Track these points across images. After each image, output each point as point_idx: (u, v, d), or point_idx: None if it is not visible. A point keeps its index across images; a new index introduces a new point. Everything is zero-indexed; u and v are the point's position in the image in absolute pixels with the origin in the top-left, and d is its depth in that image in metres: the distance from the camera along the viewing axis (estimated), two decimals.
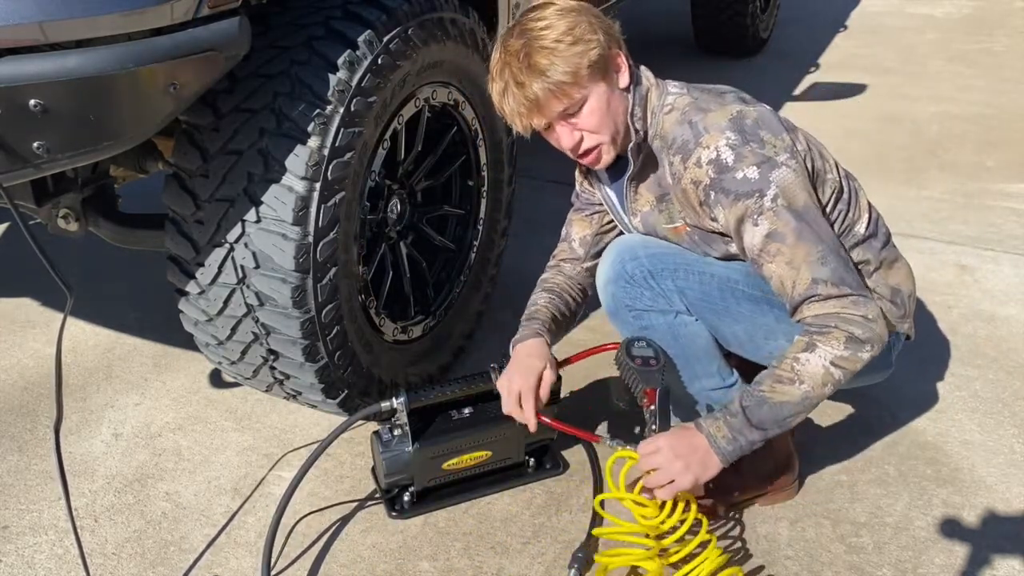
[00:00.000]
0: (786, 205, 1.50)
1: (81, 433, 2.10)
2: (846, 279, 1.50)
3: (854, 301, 1.49)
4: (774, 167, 1.51)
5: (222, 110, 1.66)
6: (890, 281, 1.73)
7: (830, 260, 1.50)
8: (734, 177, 1.50)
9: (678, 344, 1.70)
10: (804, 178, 1.55)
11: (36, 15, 1.25)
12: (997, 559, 1.72)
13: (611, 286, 1.70)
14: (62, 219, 1.82)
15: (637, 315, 1.70)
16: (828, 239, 1.52)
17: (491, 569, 1.71)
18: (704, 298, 1.65)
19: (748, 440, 1.49)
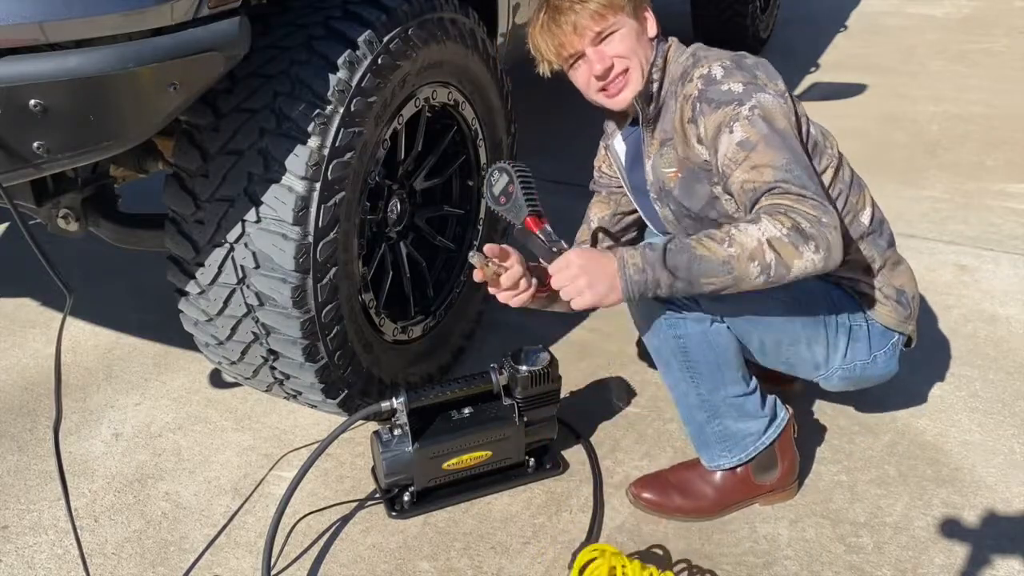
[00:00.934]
0: (762, 115, 1.53)
1: (81, 433, 2.10)
2: (808, 186, 1.44)
3: (813, 204, 1.40)
4: (759, 89, 1.56)
5: (222, 110, 1.66)
6: (895, 282, 1.75)
7: (795, 168, 1.47)
8: (719, 88, 1.57)
9: (713, 352, 1.70)
10: (788, 111, 1.57)
11: (36, 15, 1.25)
12: (997, 559, 1.72)
13: None
14: (62, 219, 1.82)
15: (672, 323, 1.68)
16: (798, 154, 1.51)
17: (491, 569, 1.71)
18: (738, 303, 1.63)
19: (654, 278, 1.38)
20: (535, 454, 1.94)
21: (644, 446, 2.04)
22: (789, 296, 1.67)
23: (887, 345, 1.78)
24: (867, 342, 1.76)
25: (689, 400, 1.76)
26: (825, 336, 1.73)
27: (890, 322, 1.75)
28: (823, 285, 1.73)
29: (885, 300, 1.75)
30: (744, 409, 1.76)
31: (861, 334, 1.75)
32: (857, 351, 1.76)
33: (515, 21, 2.64)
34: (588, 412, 2.15)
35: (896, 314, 1.75)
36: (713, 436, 1.78)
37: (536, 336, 2.42)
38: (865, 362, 1.77)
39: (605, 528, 1.80)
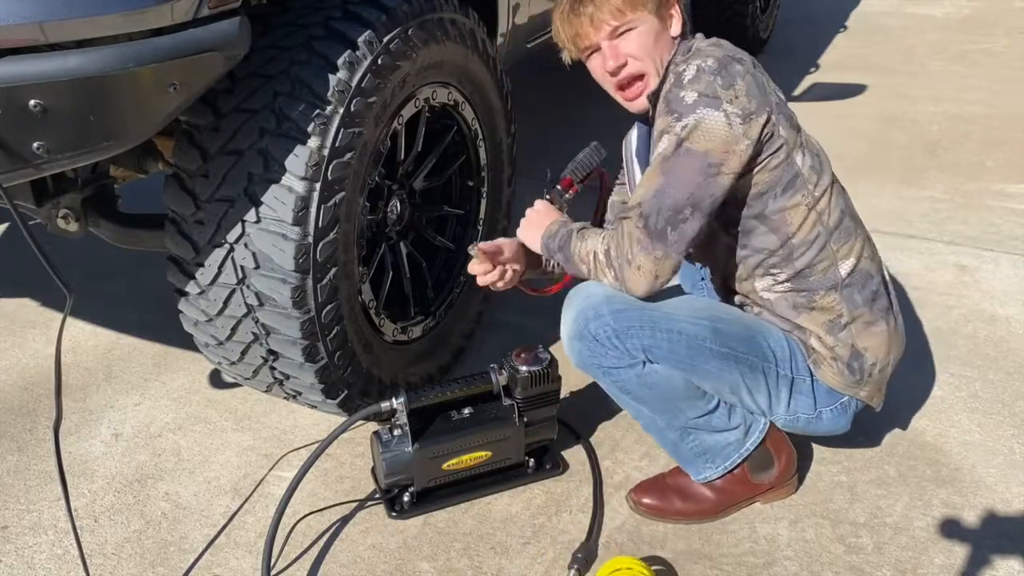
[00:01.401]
0: (683, 138, 1.53)
1: (81, 433, 2.10)
2: (652, 220, 1.54)
3: (638, 240, 1.56)
4: (712, 106, 1.53)
5: (222, 110, 1.66)
6: (859, 343, 1.70)
7: (660, 198, 1.54)
8: (677, 93, 1.56)
9: (651, 390, 1.69)
10: (730, 138, 1.53)
11: (36, 15, 1.25)
12: (997, 559, 1.72)
13: (576, 343, 1.68)
14: (62, 219, 1.82)
15: (605, 371, 1.69)
16: (681, 184, 1.53)
17: (491, 569, 1.71)
18: (672, 355, 1.65)
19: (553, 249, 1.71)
20: (535, 454, 1.94)
21: (644, 446, 2.04)
22: (726, 347, 1.66)
23: (835, 404, 1.74)
24: (811, 397, 1.73)
25: (657, 424, 1.76)
26: (766, 386, 1.71)
27: (834, 384, 1.71)
28: (773, 331, 1.72)
29: (833, 361, 1.70)
30: (712, 425, 1.75)
31: (804, 388, 1.73)
32: (800, 403, 1.74)
33: (515, 21, 2.64)
34: (588, 412, 2.15)
35: (842, 377, 1.71)
36: (691, 452, 1.78)
37: (536, 336, 2.41)
38: (809, 416, 1.75)
39: (605, 528, 1.80)
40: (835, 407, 1.75)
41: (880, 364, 1.73)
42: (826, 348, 1.70)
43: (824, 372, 1.71)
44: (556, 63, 1.88)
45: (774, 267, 1.70)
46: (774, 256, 1.69)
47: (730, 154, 1.55)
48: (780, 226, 1.66)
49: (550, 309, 2.59)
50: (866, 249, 1.74)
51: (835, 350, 1.70)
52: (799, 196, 1.65)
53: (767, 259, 1.69)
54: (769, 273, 1.71)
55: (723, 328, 1.67)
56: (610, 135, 1.90)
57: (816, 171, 1.68)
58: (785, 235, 1.66)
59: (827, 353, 1.70)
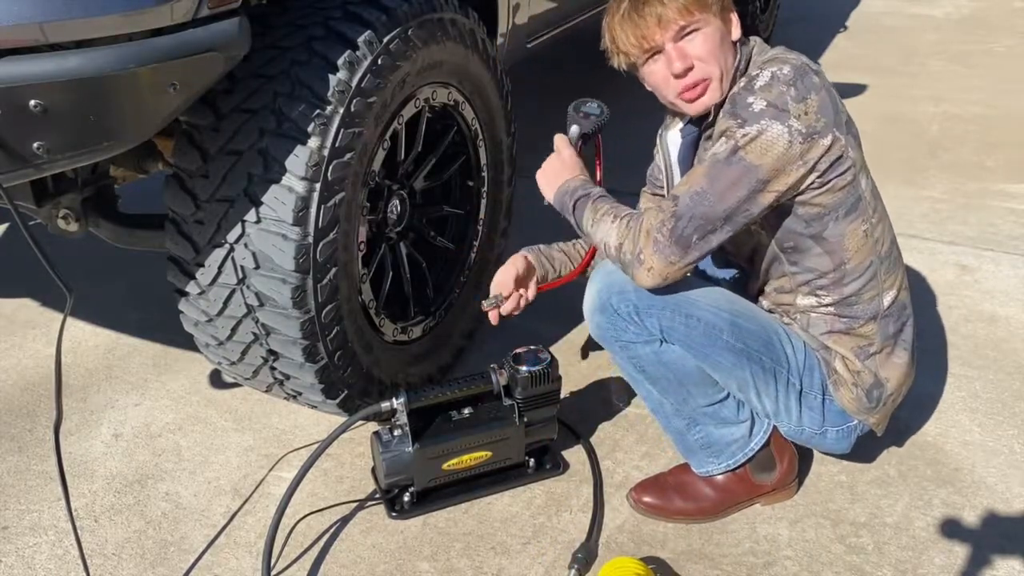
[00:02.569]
0: (740, 146, 1.49)
1: (81, 433, 2.10)
2: (681, 222, 1.51)
3: (657, 241, 1.52)
4: (779, 119, 1.48)
5: (222, 110, 1.66)
6: (881, 372, 1.70)
7: (697, 202, 1.51)
8: (746, 99, 1.51)
9: (667, 368, 1.69)
10: (792, 155, 1.49)
11: (36, 15, 1.25)
12: (997, 559, 1.72)
13: (597, 316, 1.68)
14: (62, 219, 1.82)
15: (623, 346, 1.69)
16: (723, 199, 1.50)
17: (491, 569, 1.71)
18: (687, 341, 1.65)
19: (567, 206, 1.69)
20: (535, 454, 1.94)
21: (644, 446, 2.04)
22: (741, 343, 1.65)
23: (844, 425, 1.74)
24: (821, 414, 1.73)
25: (664, 409, 1.76)
26: (775, 390, 1.70)
27: (849, 407, 1.71)
28: (797, 342, 1.70)
29: (853, 386, 1.69)
30: (720, 416, 1.75)
31: (815, 404, 1.72)
32: (808, 418, 1.73)
33: (515, 21, 2.64)
34: (588, 412, 2.15)
35: (857, 403, 1.70)
36: (696, 443, 1.78)
37: (536, 336, 2.42)
38: (814, 432, 1.75)
39: (605, 528, 1.80)
40: (843, 428, 1.75)
41: (895, 395, 1.74)
42: (850, 373, 1.69)
43: (842, 395, 1.70)
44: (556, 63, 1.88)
45: (822, 289, 1.67)
46: (824, 278, 1.66)
47: (782, 173, 1.50)
48: (836, 249, 1.62)
49: (550, 309, 2.59)
50: (904, 279, 1.74)
51: (859, 376, 1.69)
52: (859, 221, 1.61)
53: (817, 279, 1.66)
54: (815, 294, 1.68)
55: (743, 324, 1.66)
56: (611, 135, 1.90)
57: (876, 197, 1.66)
58: (840, 259, 1.63)
59: (850, 378, 1.69)
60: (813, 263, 1.65)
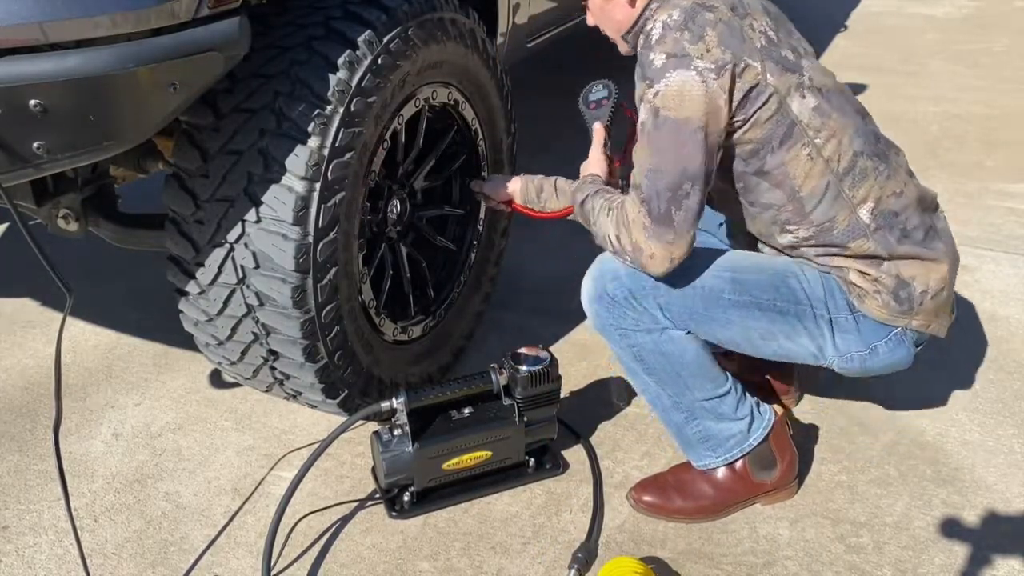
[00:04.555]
0: (659, 107, 1.50)
1: (81, 433, 2.10)
2: (653, 203, 1.53)
3: (645, 228, 1.54)
4: (683, 66, 1.49)
5: (222, 110, 1.66)
6: (903, 273, 1.63)
7: (653, 178, 1.53)
8: (647, 57, 1.54)
9: (666, 359, 1.69)
10: (713, 92, 1.48)
11: (36, 15, 1.25)
12: (997, 559, 1.72)
13: (595, 305, 1.70)
14: (62, 219, 1.82)
15: (623, 334, 1.69)
16: (673, 163, 1.51)
17: (491, 569, 1.71)
18: (688, 312, 1.65)
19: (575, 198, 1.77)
20: (535, 454, 1.94)
21: (644, 446, 2.04)
22: (747, 296, 1.63)
23: (886, 336, 1.66)
24: (857, 334, 1.66)
25: (663, 402, 1.76)
26: (803, 329, 1.66)
27: (880, 316, 1.64)
28: (807, 271, 1.66)
29: (876, 293, 1.62)
30: (719, 411, 1.75)
31: (848, 326, 1.66)
32: (849, 342, 1.67)
33: (515, 21, 2.64)
34: (588, 412, 2.15)
35: (888, 309, 1.63)
36: (694, 437, 1.78)
37: (536, 336, 2.42)
38: (863, 353, 1.68)
39: (605, 528, 1.80)
40: (889, 340, 1.66)
41: (932, 290, 1.64)
42: (868, 281, 1.62)
43: (868, 305, 1.63)
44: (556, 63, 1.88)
45: (789, 223, 1.64)
46: (784, 211, 1.63)
47: (711, 114, 1.49)
48: (784, 180, 1.60)
49: (550, 309, 2.59)
50: (891, 185, 1.64)
51: (879, 282, 1.62)
52: (799, 147, 1.57)
53: (778, 215, 1.64)
54: (786, 230, 1.66)
55: (744, 278, 1.64)
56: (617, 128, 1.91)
57: (823, 113, 1.58)
58: (791, 189, 1.60)
59: (870, 286, 1.62)
60: (766, 199, 1.64)
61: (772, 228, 1.68)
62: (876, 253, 1.62)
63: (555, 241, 2.96)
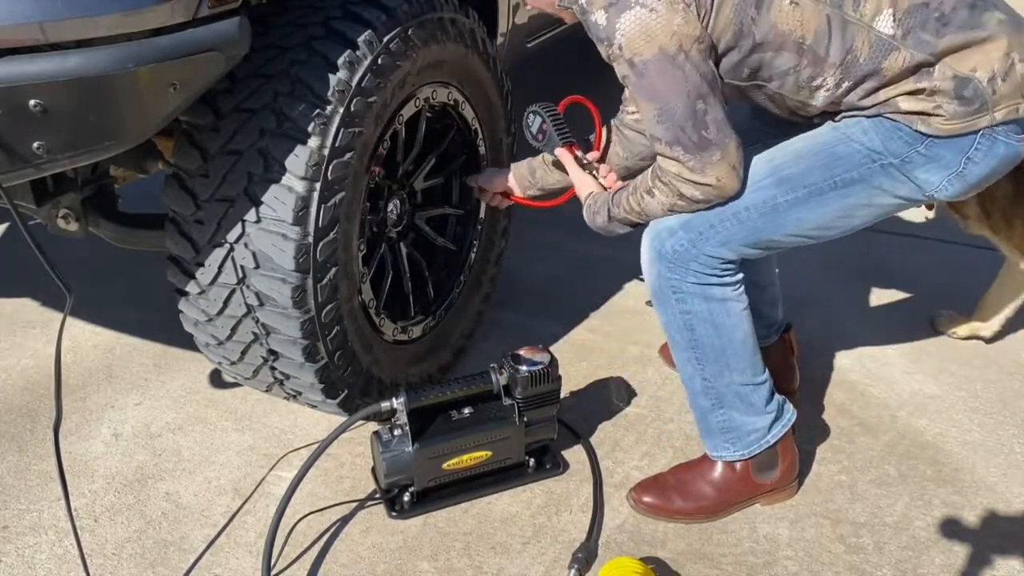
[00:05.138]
0: (629, 58, 1.47)
1: (81, 433, 2.10)
2: (681, 139, 1.49)
3: (691, 167, 1.51)
4: (623, 9, 1.45)
5: (222, 110, 1.66)
6: (960, 68, 1.45)
7: (666, 119, 1.49)
8: (589, 20, 1.51)
9: (716, 332, 1.67)
10: (667, 19, 1.43)
11: (36, 15, 1.25)
12: (997, 559, 1.72)
13: (656, 265, 1.66)
14: (62, 219, 1.82)
15: (680, 298, 1.66)
16: (676, 96, 1.46)
17: (491, 569, 1.71)
18: (754, 235, 1.59)
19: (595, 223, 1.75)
20: (535, 454, 1.94)
21: (644, 446, 2.04)
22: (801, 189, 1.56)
23: (973, 145, 1.49)
24: (938, 161, 1.51)
25: (695, 384, 1.75)
26: (877, 188, 1.56)
27: (953, 129, 1.47)
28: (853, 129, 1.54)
29: (937, 109, 1.46)
30: (750, 401, 1.74)
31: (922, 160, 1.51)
32: (933, 172, 1.52)
33: (515, 21, 2.64)
34: (588, 412, 2.15)
35: (958, 118, 1.46)
36: (717, 426, 1.78)
37: (536, 336, 2.42)
38: (956, 172, 1.52)
39: (605, 528, 1.80)
40: (978, 146, 1.50)
41: (1000, 72, 1.46)
42: (923, 99, 1.47)
43: (936, 125, 1.48)
44: (557, 63, 1.88)
45: (813, 79, 1.53)
46: (803, 69, 1.52)
47: (679, 32, 1.45)
48: (783, 40, 1.49)
49: (550, 309, 2.60)
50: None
51: (936, 92, 1.46)
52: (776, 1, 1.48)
53: (799, 77, 1.53)
54: (814, 88, 1.54)
55: (787, 174, 1.58)
56: None
57: None
58: (795, 43, 1.49)
59: (927, 104, 1.47)
60: (779, 67, 1.54)
61: (801, 95, 1.56)
62: (918, 62, 1.46)
63: (555, 241, 2.96)
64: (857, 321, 2.56)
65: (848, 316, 2.59)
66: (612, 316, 2.59)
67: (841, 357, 2.37)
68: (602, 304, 2.65)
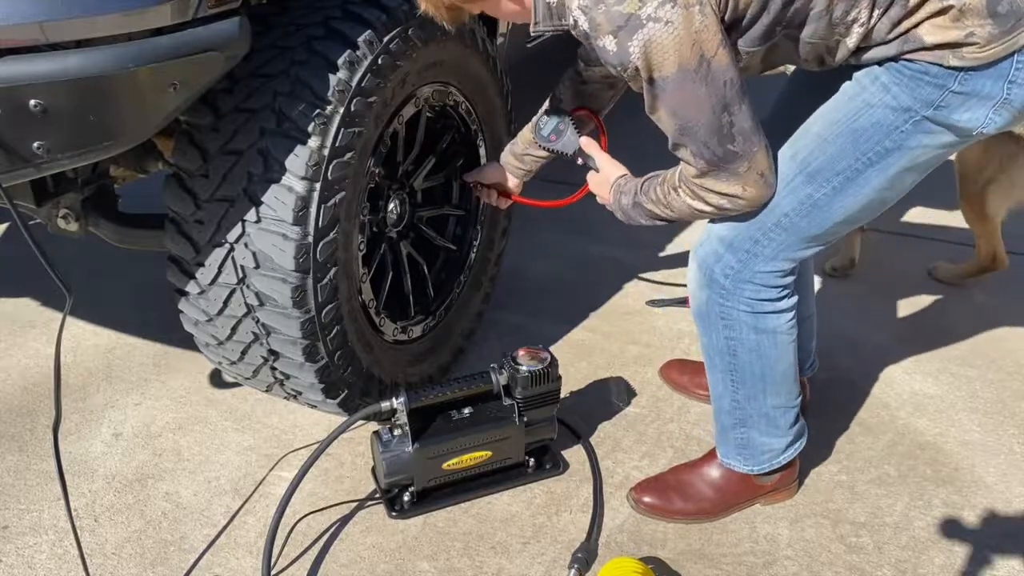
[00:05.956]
0: (648, 77, 1.34)
1: (81, 433, 2.10)
2: (705, 153, 1.40)
3: (715, 176, 1.43)
4: (634, 30, 1.30)
5: (222, 110, 1.66)
6: None
7: (689, 134, 1.39)
8: (596, 47, 1.36)
9: (760, 362, 1.65)
10: (685, 28, 1.30)
11: (36, 15, 1.25)
12: (997, 559, 1.72)
13: (707, 291, 1.62)
14: (62, 219, 1.82)
15: (729, 324, 1.63)
16: (701, 110, 1.36)
17: (491, 569, 1.71)
18: (801, 239, 1.53)
19: (621, 206, 1.65)
20: (535, 454, 1.94)
21: (644, 446, 2.04)
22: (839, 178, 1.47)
23: (1012, 69, 1.36)
24: (977, 97, 1.38)
25: (723, 403, 1.75)
26: (916, 147, 1.44)
27: (989, 55, 1.33)
28: (877, 90, 1.43)
29: (969, 35, 1.32)
30: (776, 422, 1.73)
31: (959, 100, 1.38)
32: (974, 108, 1.39)
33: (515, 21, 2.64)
34: (588, 412, 2.15)
35: (993, 41, 1.32)
36: (734, 440, 1.78)
37: (536, 336, 2.42)
38: (1002, 99, 1.38)
39: (605, 528, 1.80)
40: (1019, 64, 1.35)
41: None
42: (950, 26, 1.33)
43: (970, 54, 1.34)
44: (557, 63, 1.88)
45: (848, 13, 1.36)
46: (835, 6, 1.36)
47: (699, 38, 1.31)
48: None
49: (550, 309, 2.60)
50: None
51: (964, 13, 1.32)
52: None
53: (831, 16, 1.37)
54: (848, 22, 1.38)
55: (817, 165, 1.48)
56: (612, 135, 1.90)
57: None
58: None
59: (958, 31, 1.32)
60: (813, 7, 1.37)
61: (837, 34, 1.40)
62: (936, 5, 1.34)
63: (555, 241, 2.96)
64: (857, 321, 2.56)
65: (848, 316, 2.59)
66: (612, 316, 2.59)
67: (841, 357, 2.38)
68: (602, 304, 2.65)
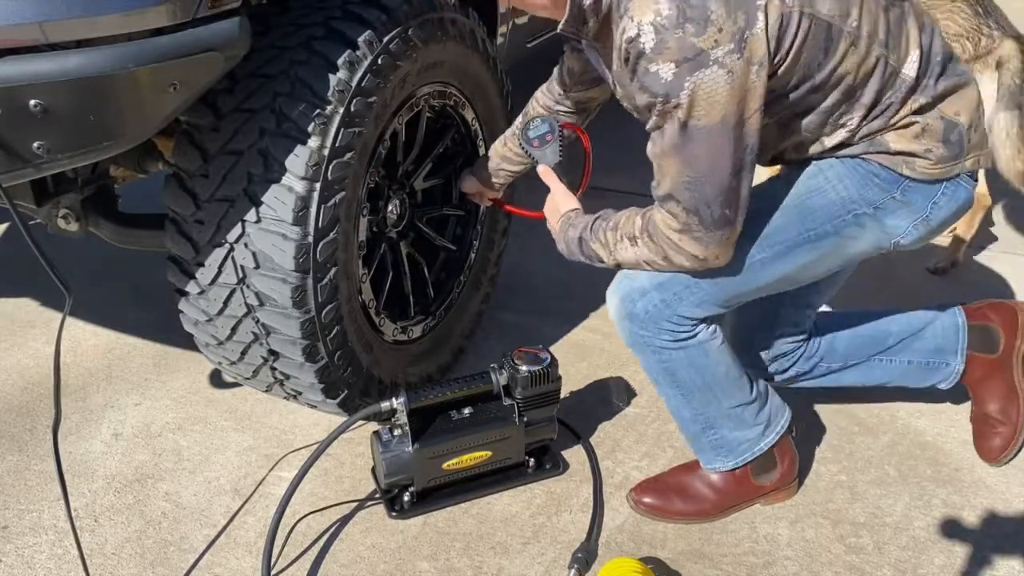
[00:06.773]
0: (685, 120, 1.32)
1: (81, 433, 2.10)
2: (701, 212, 1.39)
3: (695, 237, 1.43)
4: (699, 67, 1.27)
5: (222, 110, 1.66)
6: (947, 111, 1.48)
7: (695, 189, 1.37)
8: (646, 69, 1.31)
9: (698, 372, 1.67)
10: (739, 81, 1.29)
11: (36, 15, 1.25)
12: (997, 559, 1.72)
13: (627, 323, 1.66)
14: (62, 219, 1.82)
15: (655, 351, 1.66)
16: (718, 169, 1.36)
17: (491, 569, 1.71)
18: (727, 294, 1.59)
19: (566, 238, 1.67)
20: (535, 454, 1.94)
21: (644, 446, 2.04)
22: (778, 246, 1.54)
23: (941, 190, 1.52)
24: (910, 206, 1.52)
25: (683, 414, 1.76)
26: (850, 237, 1.55)
27: (934, 173, 1.48)
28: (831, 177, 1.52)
29: (926, 152, 1.47)
30: (741, 419, 1.75)
31: (896, 205, 1.51)
32: (902, 217, 1.53)
33: (515, 21, 2.64)
34: (588, 412, 2.15)
35: (941, 163, 1.47)
36: (708, 444, 1.79)
37: (536, 336, 2.42)
38: (924, 216, 1.53)
39: (605, 528, 1.80)
40: (945, 190, 1.52)
41: (975, 121, 1.52)
42: (913, 138, 1.47)
43: (919, 168, 1.48)
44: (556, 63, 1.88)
45: (844, 115, 1.47)
46: (839, 107, 1.46)
47: (747, 97, 1.32)
48: (839, 81, 1.42)
49: (550, 309, 2.60)
50: (925, 22, 1.49)
51: (925, 132, 1.46)
52: (842, 44, 1.39)
53: (832, 116, 1.47)
54: (839, 126, 1.49)
55: (765, 230, 1.55)
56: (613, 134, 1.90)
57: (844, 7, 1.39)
58: (848, 86, 1.43)
59: (917, 145, 1.47)
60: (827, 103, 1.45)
61: (823, 131, 1.50)
62: (920, 104, 1.47)
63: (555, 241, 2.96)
64: None
65: None
66: None
67: None
68: (602, 304, 2.64)
